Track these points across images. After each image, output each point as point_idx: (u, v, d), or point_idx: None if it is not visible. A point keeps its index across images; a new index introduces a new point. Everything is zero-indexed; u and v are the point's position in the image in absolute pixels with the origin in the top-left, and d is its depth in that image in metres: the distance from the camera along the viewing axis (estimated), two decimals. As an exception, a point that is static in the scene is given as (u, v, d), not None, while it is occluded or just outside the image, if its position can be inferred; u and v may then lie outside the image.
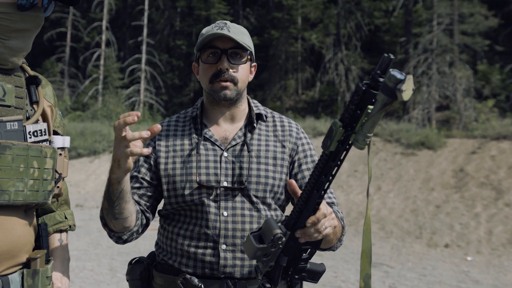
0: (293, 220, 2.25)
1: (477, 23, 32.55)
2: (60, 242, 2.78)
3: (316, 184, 2.13)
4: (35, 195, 2.25)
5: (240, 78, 2.89)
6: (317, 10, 41.05)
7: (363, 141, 1.94)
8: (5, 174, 2.11)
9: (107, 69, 43.43)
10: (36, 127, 2.31)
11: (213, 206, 2.80)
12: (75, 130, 28.27)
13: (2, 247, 2.18)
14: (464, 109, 28.22)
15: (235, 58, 2.87)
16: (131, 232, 2.82)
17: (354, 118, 1.94)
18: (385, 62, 1.87)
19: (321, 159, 2.09)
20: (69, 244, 2.90)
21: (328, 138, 2.02)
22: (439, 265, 12.02)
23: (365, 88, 1.90)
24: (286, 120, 3.10)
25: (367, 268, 2.15)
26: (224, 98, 2.87)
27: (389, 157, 19.52)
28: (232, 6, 45.78)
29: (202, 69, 2.93)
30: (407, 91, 1.75)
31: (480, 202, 15.20)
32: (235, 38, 2.81)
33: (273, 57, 41.83)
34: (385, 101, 1.82)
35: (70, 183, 22.36)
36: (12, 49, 2.22)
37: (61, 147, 2.52)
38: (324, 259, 11.56)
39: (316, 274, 2.50)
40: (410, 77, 1.74)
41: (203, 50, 2.90)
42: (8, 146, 2.11)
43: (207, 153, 2.89)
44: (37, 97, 2.40)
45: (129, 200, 2.65)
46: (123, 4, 49.80)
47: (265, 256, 2.30)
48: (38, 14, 2.26)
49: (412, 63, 31.66)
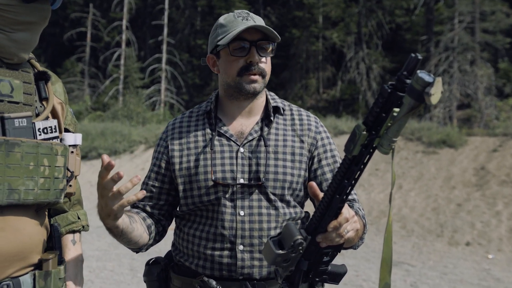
0: (314, 224, 2.19)
1: (498, 21, 32.35)
2: (73, 243, 2.72)
3: (338, 189, 2.06)
4: (46, 194, 2.18)
5: (268, 70, 2.82)
6: (338, 8, 40.96)
7: (388, 145, 1.87)
8: (14, 173, 2.04)
9: (127, 69, 43.56)
10: (45, 124, 2.24)
11: (229, 206, 2.73)
12: (96, 130, 28.33)
13: (13, 248, 2.11)
14: (485, 107, 28.09)
15: (263, 51, 2.77)
16: (147, 245, 2.83)
17: (379, 122, 1.87)
18: (412, 63, 1.78)
19: (343, 163, 2.01)
20: (89, 244, 2.88)
21: (351, 142, 1.93)
22: (460, 263, 11.96)
23: (390, 90, 1.81)
24: (305, 113, 3.01)
25: (387, 277, 2.10)
26: (253, 92, 2.79)
27: (410, 156, 19.43)
28: (252, 5, 45.71)
29: (227, 61, 2.80)
30: (435, 94, 1.67)
31: (501, 200, 15.09)
32: (264, 30, 2.73)
33: (294, 56, 41.79)
34: (412, 105, 1.75)
35: (91, 183, 22.41)
36: (17, 42, 2.14)
37: (73, 144, 2.45)
38: (346, 258, 11.53)
39: (337, 276, 2.44)
40: (439, 80, 1.67)
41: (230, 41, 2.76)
42: (17, 143, 2.05)
43: (222, 149, 2.81)
44: (46, 93, 2.33)
45: (134, 229, 2.63)
46: (143, 4, 49.88)
47: (285, 262, 2.22)
48: (44, 6, 2.17)
49: (434, 61, 31.56)
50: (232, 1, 42.85)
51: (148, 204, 2.90)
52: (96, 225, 5.79)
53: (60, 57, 46.49)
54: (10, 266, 2.13)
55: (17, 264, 2.15)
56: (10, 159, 2.03)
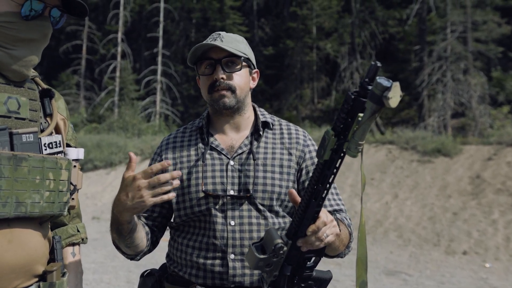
0: (293, 229, 2.27)
1: (490, 30, 32.48)
2: (73, 255, 2.78)
3: (313, 193, 2.16)
4: (51, 207, 2.24)
5: (238, 85, 2.90)
6: (331, 19, 41.07)
7: (355, 148, 1.95)
8: (21, 186, 2.10)
9: (123, 81, 43.57)
10: (51, 139, 2.31)
11: (220, 216, 2.81)
12: (91, 142, 28.33)
13: (20, 261, 2.16)
14: (479, 115, 28.17)
15: (230, 67, 2.89)
16: (143, 253, 2.88)
17: (346, 126, 1.97)
18: (373, 70, 1.90)
19: (316, 168, 2.12)
20: (85, 256, 2.91)
21: (322, 147, 2.05)
22: (457, 272, 11.99)
23: (354, 97, 1.92)
24: (293, 128, 3.10)
25: (363, 275, 2.18)
26: (224, 107, 2.89)
27: (405, 165, 19.48)
28: (247, 16, 45.88)
29: (201, 81, 2.99)
30: (394, 98, 1.76)
31: (497, 209, 15.14)
32: (225, 47, 2.83)
33: (289, 67, 41.87)
34: (374, 109, 1.83)
35: (87, 195, 22.43)
36: (18, 59, 2.20)
37: (75, 158, 2.53)
38: (343, 268, 11.56)
39: (323, 282, 2.50)
40: (396, 84, 1.76)
41: (199, 62, 2.96)
42: (24, 158, 2.10)
43: (213, 162, 2.90)
44: (51, 110, 2.41)
45: (140, 230, 2.70)
46: (138, 16, 49.97)
47: (267, 266, 2.31)
48: (44, 23, 2.24)
49: (427, 70, 31.66)
50: (227, 13, 43.01)
51: (142, 215, 2.96)
52: (92, 237, 5.80)
53: (55, 70, 46.45)
54: (17, 278, 2.18)
55: (23, 276, 2.20)
56: (18, 173, 2.08)
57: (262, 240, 2.33)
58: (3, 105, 2.15)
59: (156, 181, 2.33)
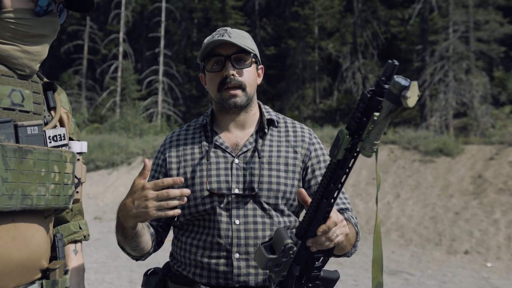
0: (303, 229, 2.24)
1: (492, 30, 32.42)
2: (75, 252, 2.78)
3: (325, 193, 2.12)
4: (57, 200, 2.24)
5: (248, 82, 2.87)
6: (333, 19, 41.00)
7: (370, 148, 1.94)
8: (27, 179, 2.10)
9: (124, 81, 43.54)
10: (55, 132, 2.31)
11: (224, 215, 2.77)
12: (93, 142, 28.26)
13: (23, 256, 2.16)
14: (481, 115, 28.14)
15: (239, 63, 2.85)
16: (148, 254, 2.86)
17: (361, 126, 1.94)
18: (390, 69, 1.87)
19: (329, 167, 2.08)
20: (87, 256, 2.90)
21: (335, 146, 2.01)
22: (459, 272, 11.97)
23: (370, 96, 1.90)
24: (299, 126, 3.06)
25: (379, 276, 2.16)
26: (234, 106, 2.85)
27: (407, 165, 19.45)
28: (249, 16, 45.80)
29: (208, 78, 2.92)
30: (412, 97, 1.74)
31: (499, 208, 15.12)
32: (236, 42, 2.78)
33: (291, 67, 41.80)
34: (391, 108, 1.81)
35: (89, 195, 22.38)
36: (29, 54, 2.22)
37: (79, 152, 2.52)
38: (345, 267, 11.55)
39: (330, 282, 2.48)
40: (414, 83, 1.73)
41: (207, 59, 2.89)
42: (30, 150, 2.11)
43: (218, 160, 2.86)
44: (54, 103, 2.42)
45: (144, 234, 2.68)
46: (140, 16, 49.92)
47: (276, 266, 2.27)
48: (55, 19, 2.28)
49: (429, 70, 31.60)
50: (228, 12, 42.96)
51: None
52: (94, 237, 5.80)
53: (57, 70, 46.41)
54: (20, 274, 2.17)
55: (26, 272, 2.20)
56: (23, 166, 2.09)
57: (271, 240, 2.30)
58: (7, 98, 2.16)
59: (165, 195, 2.32)
